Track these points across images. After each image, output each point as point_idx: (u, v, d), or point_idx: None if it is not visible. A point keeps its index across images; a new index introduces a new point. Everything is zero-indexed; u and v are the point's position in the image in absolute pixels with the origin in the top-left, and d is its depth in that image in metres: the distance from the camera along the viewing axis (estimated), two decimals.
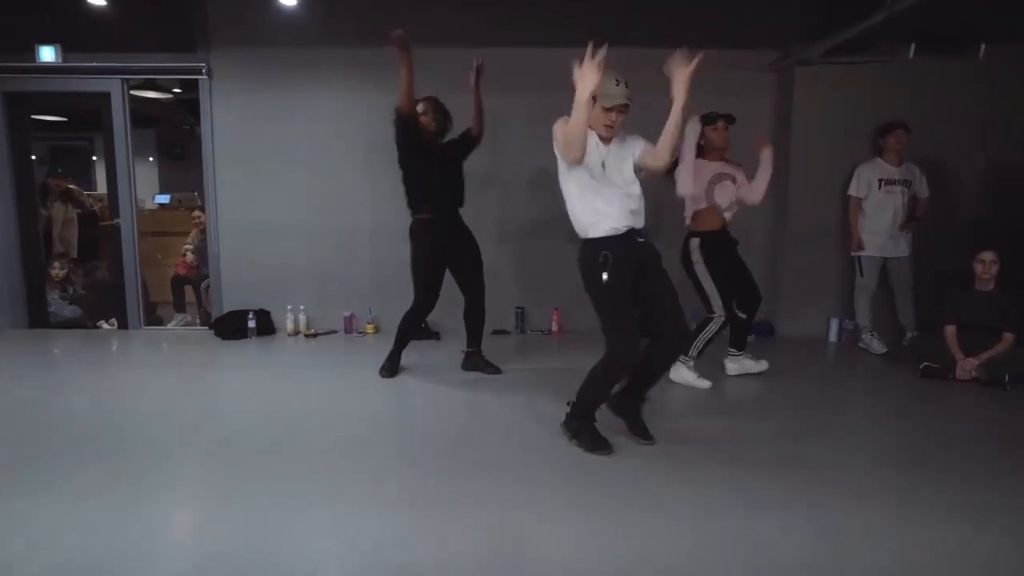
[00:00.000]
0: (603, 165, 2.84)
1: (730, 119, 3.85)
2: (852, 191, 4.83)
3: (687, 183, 3.59)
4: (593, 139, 2.82)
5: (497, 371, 4.17)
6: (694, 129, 3.67)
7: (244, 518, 2.35)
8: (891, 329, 4.93)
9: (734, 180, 3.89)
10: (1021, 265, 4.19)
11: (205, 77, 5.17)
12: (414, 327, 4.17)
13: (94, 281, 6.14)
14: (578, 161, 2.75)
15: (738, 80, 5.15)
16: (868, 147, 4.94)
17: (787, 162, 5.13)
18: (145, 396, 3.85)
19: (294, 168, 5.33)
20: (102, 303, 5.76)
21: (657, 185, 3.58)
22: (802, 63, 4.91)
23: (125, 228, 5.43)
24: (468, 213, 4.34)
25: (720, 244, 3.89)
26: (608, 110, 2.80)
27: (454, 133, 4.08)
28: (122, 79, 5.20)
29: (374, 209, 5.30)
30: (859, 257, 4.84)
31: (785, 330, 5.28)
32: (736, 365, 4.20)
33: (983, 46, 4.68)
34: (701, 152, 3.82)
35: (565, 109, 2.77)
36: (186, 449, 3.01)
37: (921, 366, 4.09)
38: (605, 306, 2.80)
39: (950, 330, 4.06)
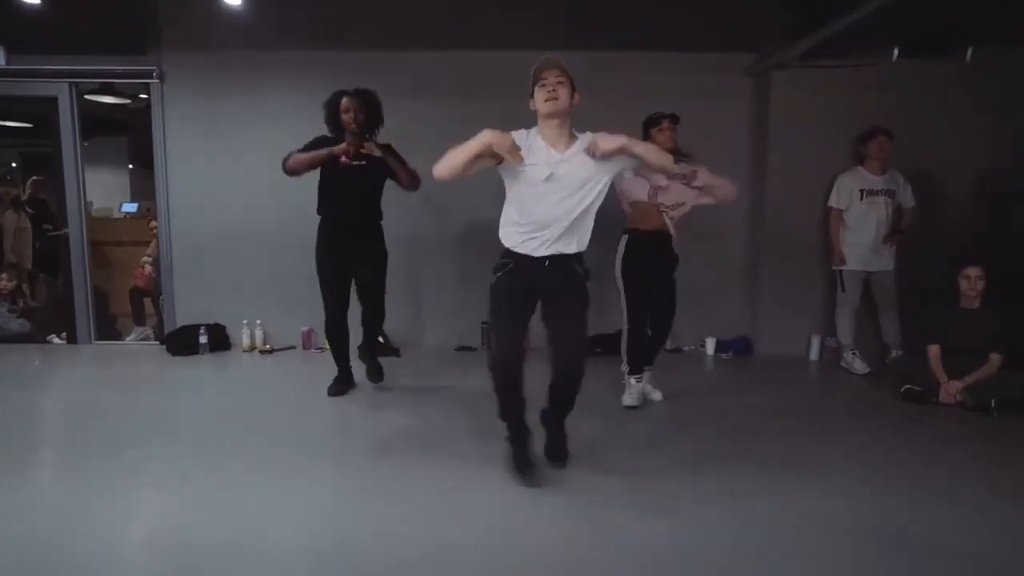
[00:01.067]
0: (550, 177, 2.54)
1: (675, 119, 3.61)
2: (832, 202, 4.58)
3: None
4: (541, 144, 2.59)
5: (379, 375, 4.00)
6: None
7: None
8: (875, 347, 4.67)
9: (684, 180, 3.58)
10: (1009, 281, 3.94)
11: (156, 81, 4.95)
12: (331, 337, 3.96)
13: (50, 293, 5.91)
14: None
15: (713, 84, 4.94)
16: (849, 155, 4.71)
17: (764, 170, 4.89)
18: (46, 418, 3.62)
19: (250, 175, 5.07)
20: (55, 317, 5.52)
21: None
22: (779, 67, 4.68)
23: (74, 237, 5.20)
24: (434, 224, 4.16)
25: (649, 248, 3.61)
26: (541, 84, 2.56)
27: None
28: (70, 83, 4.98)
29: None
30: (841, 271, 4.59)
31: (764, 348, 5.01)
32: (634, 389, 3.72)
33: (970, 49, 4.49)
34: None
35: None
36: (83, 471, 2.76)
37: (903, 389, 3.82)
38: (490, 310, 2.69)
39: (934, 350, 3.79)
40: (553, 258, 2.61)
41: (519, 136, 2.57)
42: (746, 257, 5.15)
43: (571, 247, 2.62)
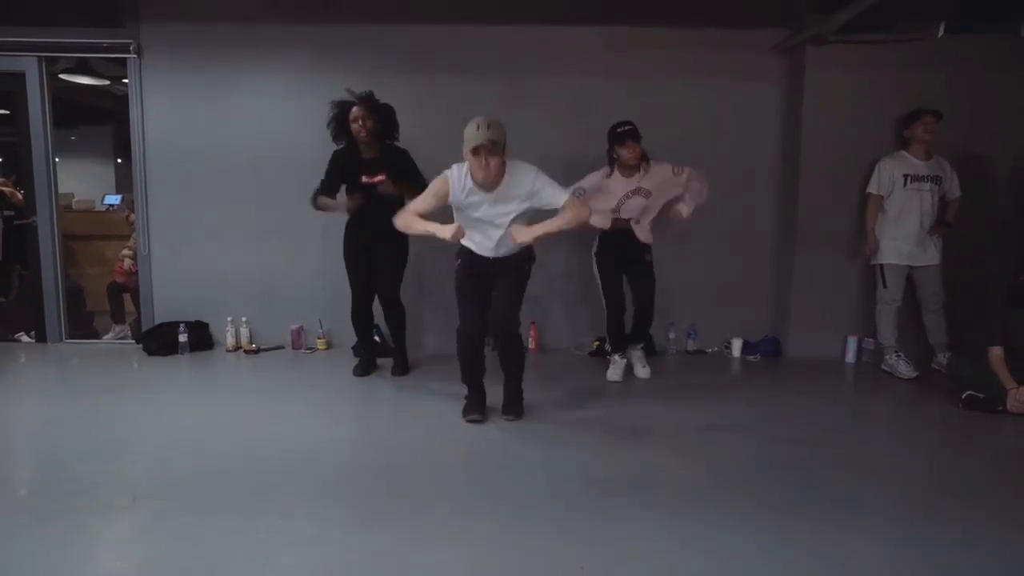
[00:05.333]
0: (474, 207, 3.03)
1: (637, 136, 3.69)
2: (872, 188, 4.18)
3: (601, 221, 3.77)
4: (470, 184, 2.98)
5: (403, 371, 4.15)
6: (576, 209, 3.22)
7: None
8: (917, 349, 4.27)
9: (647, 195, 3.79)
10: None
11: (133, 56, 4.53)
12: (356, 325, 4.08)
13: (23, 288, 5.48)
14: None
15: (741, 63, 4.56)
16: (891, 139, 4.31)
17: (797, 156, 4.49)
18: None
19: (236, 161, 4.67)
20: (25, 313, 5.10)
21: None
22: (814, 42, 4.28)
23: (43, 228, 4.78)
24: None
25: (617, 243, 3.91)
26: (475, 154, 2.87)
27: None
28: (38, 57, 4.56)
29: None
30: (882, 266, 4.19)
31: (794, 350, 4.60)
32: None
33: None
34: (615, 165, 3.79)
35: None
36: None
37: (964, 395, 3.41)
38: (456, 290, 3.26)
39: (996, 353, 3.38)
40: (496, 259, 3.16)
41: (455, 171, 3.03)
42: (775, 251, 4.74)
43: (511, 251, 3.12)
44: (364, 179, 3.75)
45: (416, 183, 3.61)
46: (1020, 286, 3.45)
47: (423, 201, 3.06)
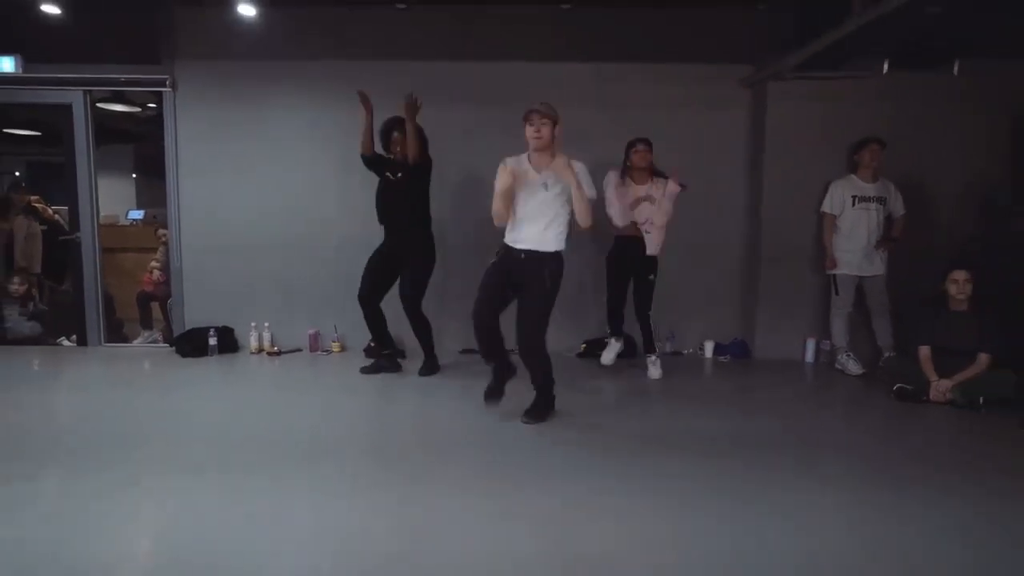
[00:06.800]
0: (546, 186, 3.33)
1: (648, 143, 4.40)
2: (826, 208, 4.72)
3: (618, 216, 4.39)
4: (526, 165, 3.37)
5: (431, 371, 4.60)
6: (609, 182, 4.38)
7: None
8: (868, 350, 4.80)
9: (652, 201, 4.39)
10: (997, 284, 4.08)
11: (169, 89, 5.08)
12: (369, 323, 4.55)
13: (59, 297, 6.00)
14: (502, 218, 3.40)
15: (711, 95, 5.10)
16: (843, 163, 4.85)
17: (761, 178, 5.03)
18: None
19: (259, 182, 5.22)
20: (64, 319, 5.61)
21: None
22: (775, 78, 4.82)
23: (86, 243, 5.30)
24: (448, 225, 4.78)
25: (626, 252, 4.48)
26: (528, 122, 3.30)
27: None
28: (84, 91, 5.11)
29: (341, 223, 5.18)
30: (835, 276, 4.73)
31: (761, 351, 5.14)
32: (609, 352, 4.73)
33: (957, 61, 4.64)
34: (629, 172, 4.42)
35: None
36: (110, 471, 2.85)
37: (895, 387, 3.95)
38: (482, 278, 3.48)
39: (924, 351, 3.93)
40: (527, 258, 3.35)
41: (513, 160, 3.37)
42: (743, 262, 5.28)
43: (547, 246, 3.35)
44: (388, 175, 4.37)
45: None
46: (942, 294, 3.97)
47: (499, 186, 3.28)
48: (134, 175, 9.93)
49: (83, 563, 2.10)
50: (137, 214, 7.95)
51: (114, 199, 9.00)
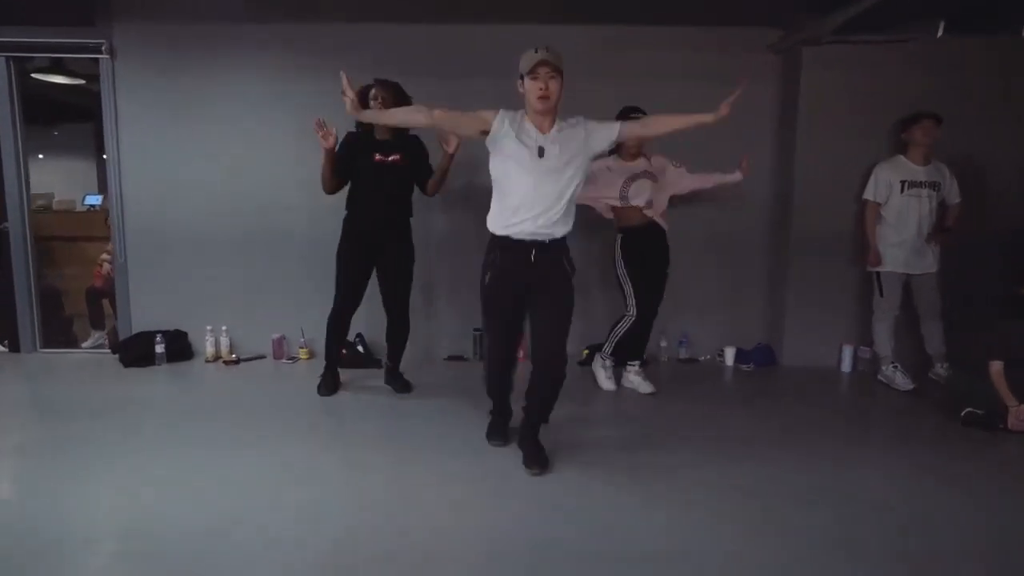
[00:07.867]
0: (540, 152, 2.65)
1: (642, 114, 3.57)
2: (869, 195, 4.08)
3: (605, 209, 3.89)
4: (527, 126, 2.68)
5: (407, 389, 3.94)
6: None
7: None
8: (914, 359, 4.17)
9: (653, 178, 3.80)
10: None
11: (106, 56, 4.37)
12: (332, 333, 3.86)
13: None
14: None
15: (735, 64, 4.38)
16: (889, 143, 4.21)
17: (791, 160, 4.38)
18: None
19: (214, 163, 4.52)
20: None
21: None
22: (809, 43, 4.16)
23: (15, 232, 4.63)
24: (423, 227, 3.90)
25: (643, 241, 3.83)
26: (534, 77, 2.60)
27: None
28: (7, 57, 4.40)
29: (309, 214, 4.47)
30: (878, 273, 4.08)
31: (789, 358, 4.50)
32: (626, 378, 4.03)
33: None
34: (618, 150, 3.76)
35: None
36: None
37: (963, 412, 3.31)
38: (483, 307, 2.83)
39: (997, 367, 3.28)
40: (540, 245, 2.67)
41: (508, 115, 2.68)
42: (770, 256, 4.64)
43: (559, 230, 2.70)
44: (378, 157, 3.61)
45: (427, 170, 3.69)
46: (1020, 299, 3.33)
47: (456, 114, 2.71)
48: (104, 156, 9.24)
49: None
50: (95, 199, 7.23)
51: (74, 183, 8.34)
